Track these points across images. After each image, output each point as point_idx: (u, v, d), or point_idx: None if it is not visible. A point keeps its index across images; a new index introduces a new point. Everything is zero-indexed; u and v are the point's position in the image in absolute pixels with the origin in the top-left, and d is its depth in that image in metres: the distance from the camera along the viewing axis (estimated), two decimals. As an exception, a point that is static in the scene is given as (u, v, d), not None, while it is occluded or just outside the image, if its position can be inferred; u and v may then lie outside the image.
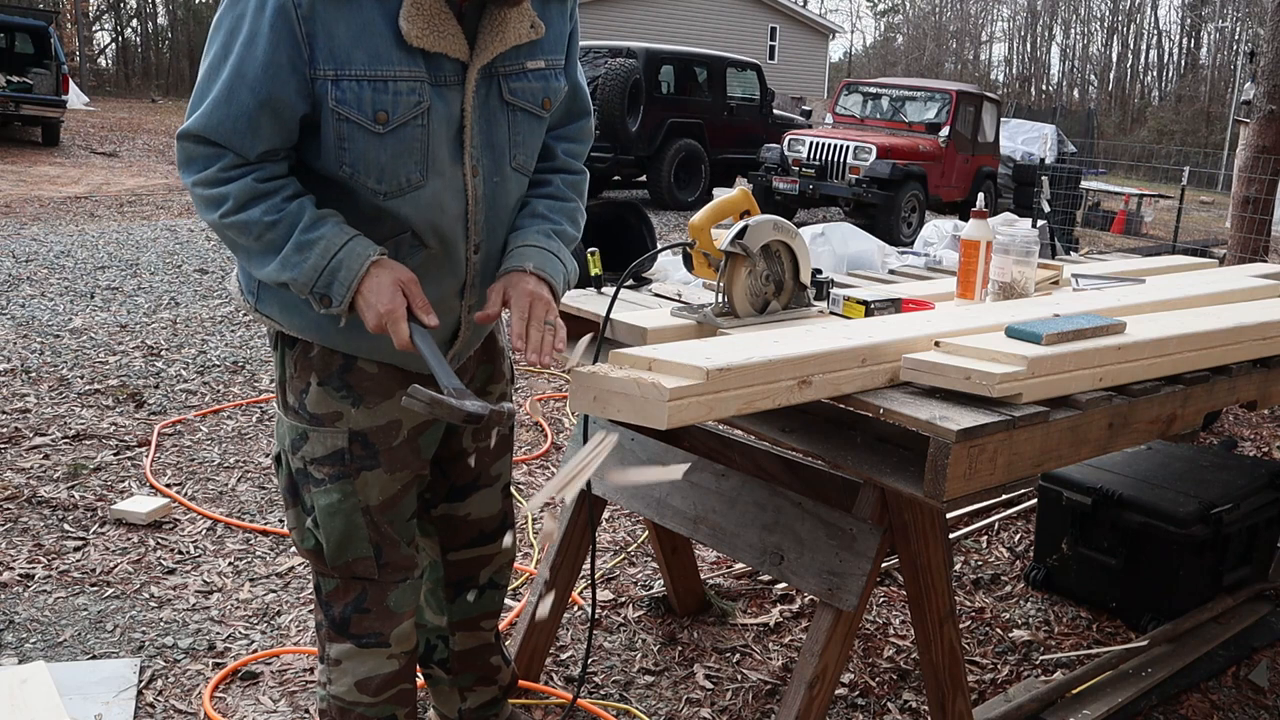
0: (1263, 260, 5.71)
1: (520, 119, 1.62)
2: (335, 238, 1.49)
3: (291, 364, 1.69)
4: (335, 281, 1.48)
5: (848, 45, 52.89)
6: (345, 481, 1.68)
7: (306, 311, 1.61)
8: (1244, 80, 21.02)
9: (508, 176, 1.64)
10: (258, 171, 1.49)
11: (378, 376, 1.67)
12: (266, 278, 1.52)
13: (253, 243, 1.50)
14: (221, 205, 1.48)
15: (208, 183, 1.48)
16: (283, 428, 1.72)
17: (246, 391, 4.62)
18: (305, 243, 1.48)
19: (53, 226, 8.80)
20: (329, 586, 1.77)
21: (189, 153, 1.49)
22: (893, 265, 5.26)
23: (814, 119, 16.06)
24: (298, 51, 1.43)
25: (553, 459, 4.02)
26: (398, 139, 1.49)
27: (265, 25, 1.41)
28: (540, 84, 1.64)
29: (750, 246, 1.94)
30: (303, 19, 1.41)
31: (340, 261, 1.48)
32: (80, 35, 28.55)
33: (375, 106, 1.46)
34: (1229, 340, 2.07)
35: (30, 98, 13.93)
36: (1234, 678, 2.74)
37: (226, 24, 1.46)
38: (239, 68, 1.44)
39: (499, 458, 1.97)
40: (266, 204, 1.48)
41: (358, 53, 1.44)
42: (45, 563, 2.96)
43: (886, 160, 10.79)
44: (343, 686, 1.78)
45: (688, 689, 2.52)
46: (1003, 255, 2.24)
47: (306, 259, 1.48)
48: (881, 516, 1.89)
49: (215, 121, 1.45)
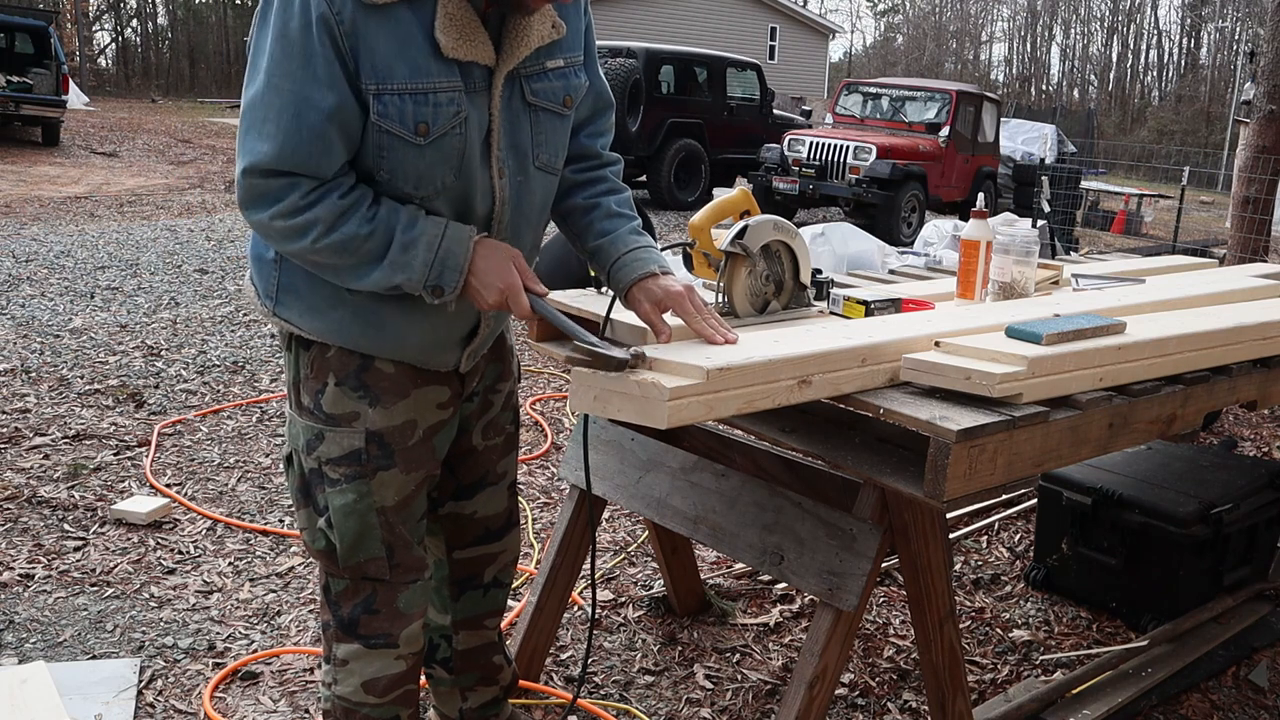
0: (1263, 260, 5.71)
1: (543, 118, 1.64)
2: (433, 229, 1.51)
3: (307, 365, 1.68)
4: (446, 270, 1.51)
5: (848, 45, 52.95)
6: (361, 482, 1.68)
7: (329, 314, 1.62)
8: (1244, 80, 21.02)
9: (531, 175, 1.66)
10: (337, 189, 1.48)
11: (394, 376, 1.67)
12: (372, 286, 1.53)
13: (349, 258, 1.50)
14: (311, 231, 1.46)
15: (290, 213, 1.46)
16: (296, 428, 1.71)
17: (246, 391, 4.62)
18: (409, 242, 1.50)
19: (53, 226, 8.81)
20: (339, 587, 1.76)
21: (259, 189, 1.46)
22: (893, 265, 5.26)
23: (814, 119, 16.07)
24: (345, 66, 1.43)
25: (553, 459, 4.02)
26: (436, 149, 1.51)
27: (316, 44, 1.41)
28: (561, 83, 1.66)
29: (750, 246, 1.94)
30: (345, 35, 1.42)
31: (447, 250, 1.51)
32: (80, 35, 28.55)
33: (417, 119, 1.47)
34: (1229, 340, 2.07)
35: (30, 98, 13.93)
36: (1234, 678, 2.74)
37: (270, 48, 1.44)
38: (300, 91, 1.42)
39: (505, 455, 1.98)
40: (357, 217, 1.48)
41: (399, 66, 1.45)
42: (45, 563, 2.96)
43: (886, 160, 10.78)
44: (349, 687, 1.78)
45: (688, 689, 2.52)
46: (1003, 255, 2.24)
47: (415, 256, 1.50)
48: (881, 516, 1.89)
49: (289, 150, 1.43)
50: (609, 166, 1.84)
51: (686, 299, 1.67)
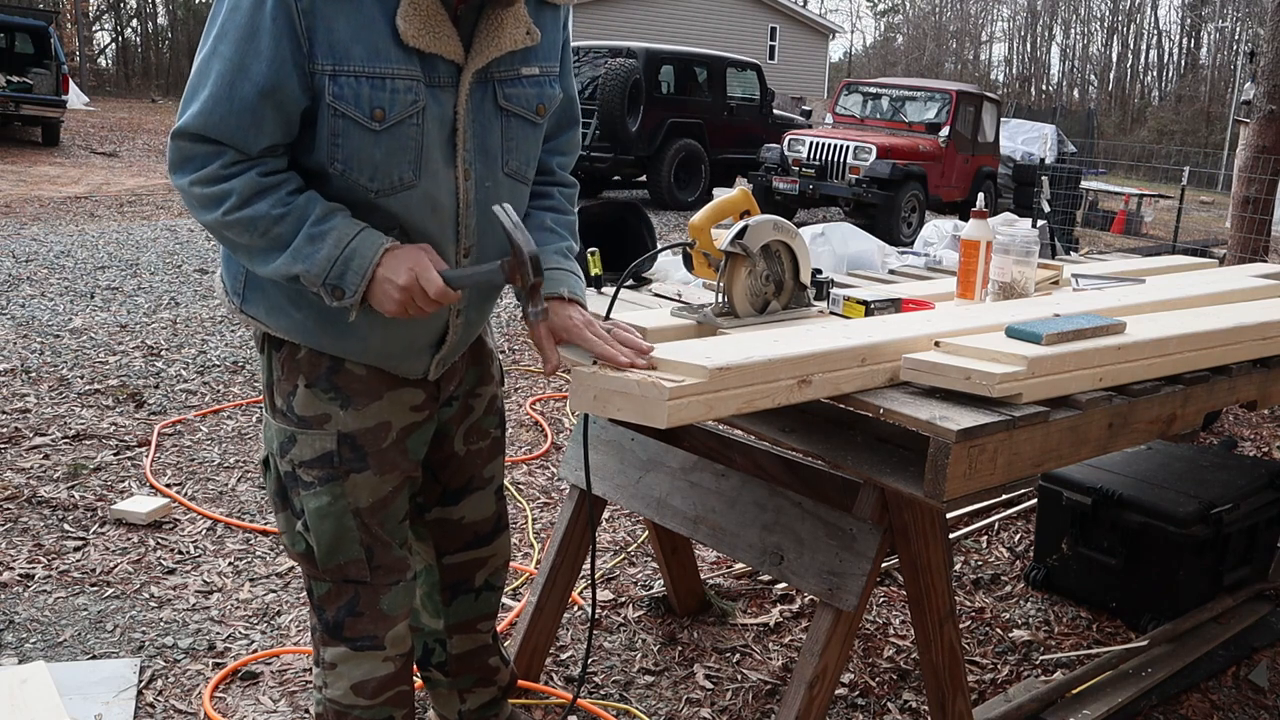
0: (1263, 260, 5.71)
1: (514, 124, 1.63)
2: (347, 228, 1.48)
3: (279, 366, 1.67)
4: (349, 271, 1.47)
5: (848, 45, 52.93)
6: (335, 484, 1.67)
7: (293, 313, 1.60)
8: (1244, 80, 21.02)
9: (500, 181, 1.64)
10: (260, 166, 1.47)
11: (365, 378, 1.66)
12: (273, 273, 1.50)
13: (258, 239, 1.48)
14: (224, 202, 1.45)
15: (208, 180, 1.45)
16: (270, 431, 1.71)
17: (246, 391, 4.62)
18: (317, 234, 1.47)
19: (53, 226, 8.81)
20: (321, 590, 1.75)
21: (185, 152, 1.47)
22: (893, 265, 5.26)
23: (814, 119, 16.07)
24: (297, 45, 1.42)
25: (553, 459, 4.02)
26: (392, 137, 1.49)
27: (266, 19, 1.40)
28: (535, 90, 1.64)
29: (750, 246, 1.94)
30: (302, 13, 1.41)
31: (354, 250, 1.47)
32: (80, 35, 28.54)
33: (373, 103, 1.45)
34: (1229, 340, 2.07)
35: (30, 98, 13.93)
36: (1234, 678, 2.74)
37: (222, 20, 1.44)
38: (239, 62, 1.42)
39: (491, 459, 1.97)
40: (273, 198, 1.46)
41: (356, 49, 1.44)
42: (45, 563, 2.96)
43: (886, 160, 10.79)
44: (339, 690, 1.77)
45: (688, 689, 2.52)
46: (1003, 255, 2.24)
47: (319, 250, 1.47)
48: (881, 516, 1.89)
49: (217, 118, 1.43)
50: (560, 186, 1.81)
51: (584, 329, 1.62)
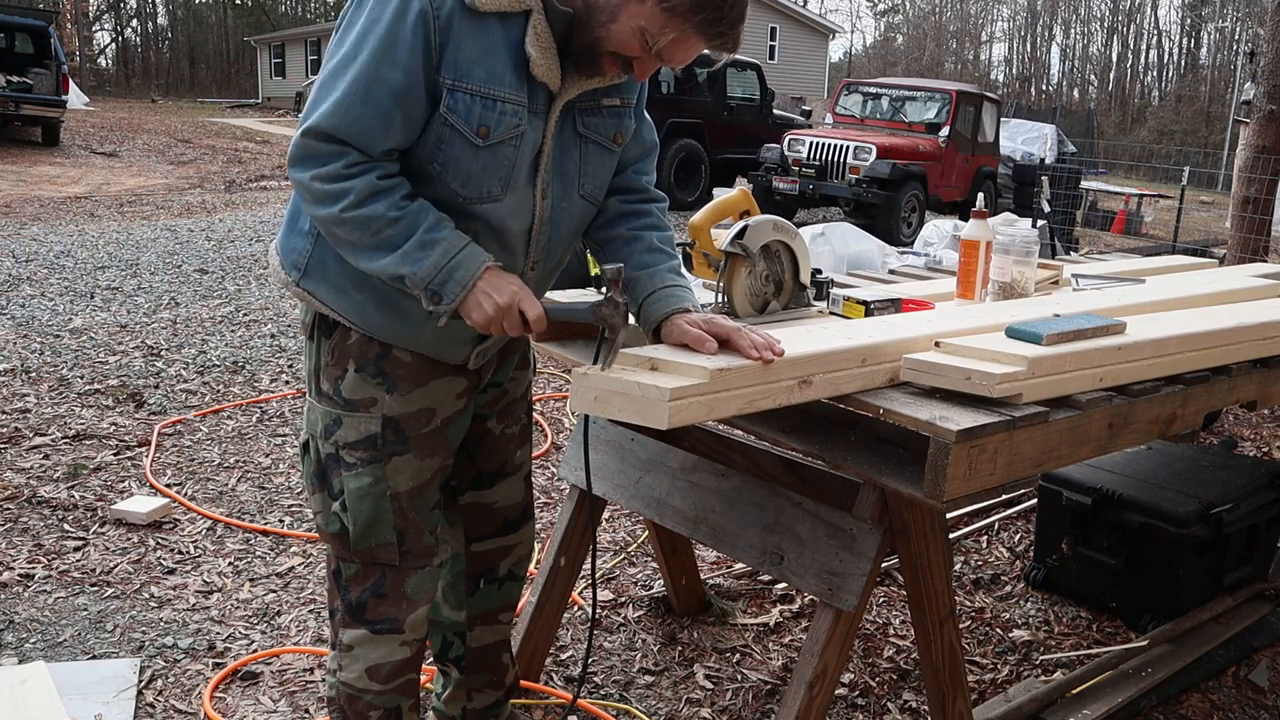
0: (1263, 260, 5.71)
1: (591, 151, 1.72)
2: (455, 241, 1.58)
3: (328, 351, 1.74)
4: (451, 280, 1.56)
5: (848, 45, 53.00)
6: (376, 465, 1.73)
7: (354, 293, 1.67)
8: (1244, 80, 21.02)
9: (574, 203, 1.73)
10: (379, 170, 1.55)
11: (411, 365, 1.73)
12: (377, 270, 1.58)
13: (368, 237, 1.56)
14: (342, 200, 1.53)
15: (329, 178, 1.53)
16: (314, 414, 1.77)
17: (246, 391, 4.62)
18: (429, 241, 1.55)
19: (53, 226, 8.81)
20: (349, 571, 1.80)
21: (310, 149, 1.54)
22: (893, 265, 5.26)
23: (814, 119, 16.05)
24: (430, 58, 1.52)
25: (553, 459, 4.03)
26: (491, 154, 1.58)
27: (407, 31, 1.50)
28: (614, 120, 1.74)
29: (750, 246, 1.94)
30: (439, 29, 1.51)
31: (459, 263, 1.56)
32: (80, 35, 28.56)
33: (481, 121, 1.55)
34: (1229, 340, 2.07)
35: (30, 98, 13.95)
36: (1234, 678, 2.74)
37: (360, 28, 1.53)
38: (376, 70, 1.50)
39: (521, 445, 2.04)
40: (387, 201, 1.54)
41: (477, 69, 1.54)
42: (45, 563, 2.96)
43: (886, 160, 10.78)
44: (354, 673, 1.82)
45: (688, 689, 2.52)
46: (1003, 255, 2.24)
47: (428, 256, 1.55)
48: (881, 516, 1.89)
49: (349, 120, 1.51)
50: (655, 202, 1.89)
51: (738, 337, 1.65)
